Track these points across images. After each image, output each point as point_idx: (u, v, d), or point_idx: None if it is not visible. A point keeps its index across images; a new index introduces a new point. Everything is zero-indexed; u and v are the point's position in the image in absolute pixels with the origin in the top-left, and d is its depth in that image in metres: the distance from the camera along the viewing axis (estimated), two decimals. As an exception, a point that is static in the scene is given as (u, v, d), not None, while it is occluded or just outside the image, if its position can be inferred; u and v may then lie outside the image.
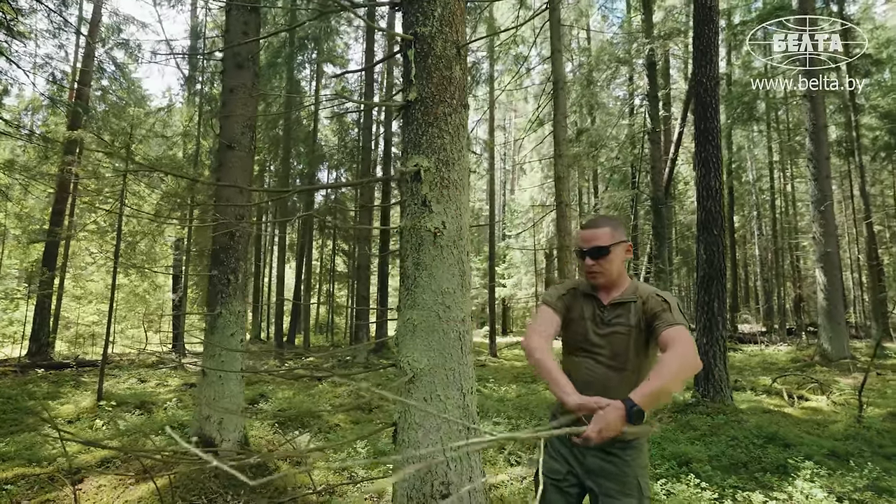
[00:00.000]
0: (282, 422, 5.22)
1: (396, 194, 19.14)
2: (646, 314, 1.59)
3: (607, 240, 1.64)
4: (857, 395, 6.17)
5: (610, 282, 1.66)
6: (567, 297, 1.75)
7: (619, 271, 1.66)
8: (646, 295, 1.62)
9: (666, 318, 1.53)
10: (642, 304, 1.61)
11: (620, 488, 1.57)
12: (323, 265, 22.24)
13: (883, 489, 3.33)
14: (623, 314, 1.62)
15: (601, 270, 1.65)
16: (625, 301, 1.63)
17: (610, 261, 1.64)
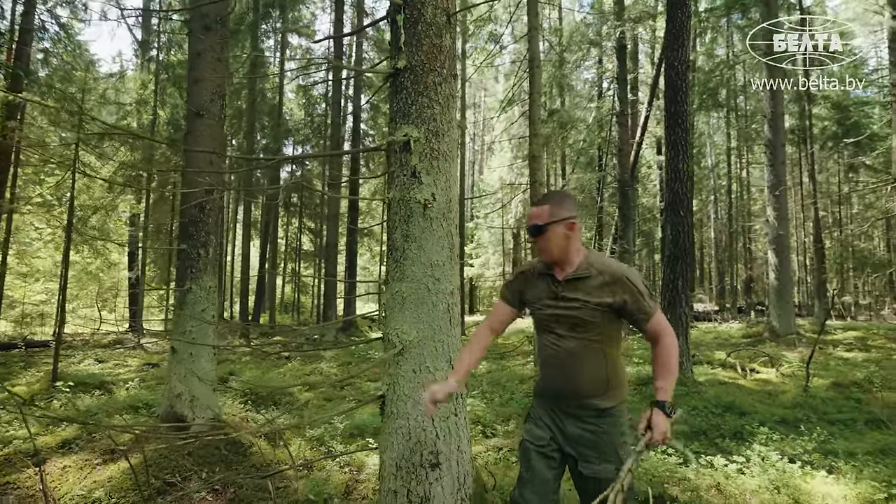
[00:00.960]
0: (253, 400, 5.13)
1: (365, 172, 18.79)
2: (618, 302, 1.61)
3: (545, 218, 1.66)
4: (802, 367, 6.63)
5: (556, 258, 1.68)
6: (516, 282, 1.81)
7: (564, 247, 1.66)
8: (608, 273, 1.63)
9: (644, 309, 1.61)
10: (608, 285, 1.62)
11: (598, 455, 1.63)
12: (288, 243, 21.74)
13: (829, 451, 3.61)
14: (580, 289, 1.64)
15: (542, 248, 1.68)
16: (579, 276, 1.65)
17: (547, 238, 1.66)
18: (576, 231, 1.68)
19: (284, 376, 6.71)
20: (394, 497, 1.99)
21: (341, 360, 8.22)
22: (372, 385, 6.79)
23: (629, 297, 1.60)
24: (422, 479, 1.98)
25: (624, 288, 1.61)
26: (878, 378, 6.01)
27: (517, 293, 1.80)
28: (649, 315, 1.62)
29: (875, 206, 23.21)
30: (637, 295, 1.60)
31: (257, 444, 3.67)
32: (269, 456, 3.49)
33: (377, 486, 2.95)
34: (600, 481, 1.60)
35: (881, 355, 8.29)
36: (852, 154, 22.47)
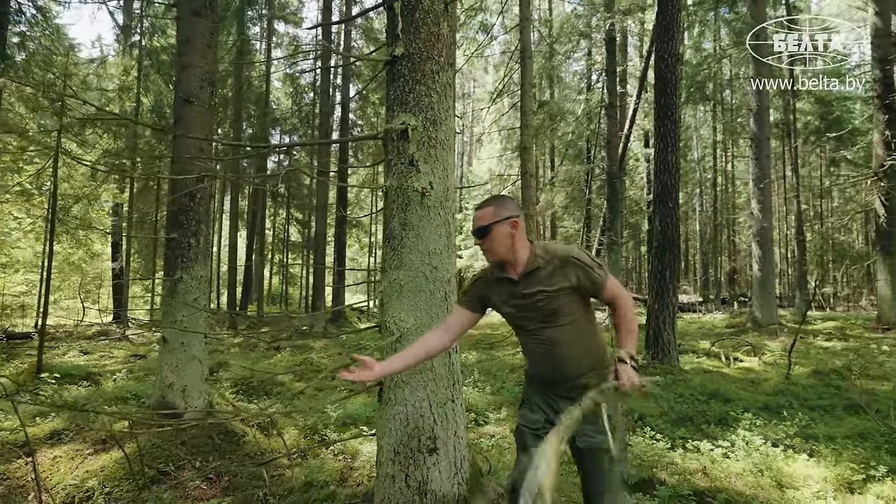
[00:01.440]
0: (245, 390, 5.12)
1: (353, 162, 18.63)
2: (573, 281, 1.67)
3: (488, 219, 1.70)
4: (784, 355, 6.81)
5: (503, 257, 1.71)
6: (476, 288, 1.82)
7: (509, 245, 1.70)
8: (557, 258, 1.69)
9: (596, 280, 1.66)
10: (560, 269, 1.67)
11: (594, 428, 1.68)
12: (276, 234, 21.55)
13: (809, 435, 3.73)
14: (537, 281, 1.69)
15: (487, 248, 1.71)
16: (531, 270, 1.69)
17: (493, 238, 1.69)
18: (519, 229, 1.71)
19: (275, 367, 6.69)
20: (392, 481, 2.02)
21: (331, 351, 8.21)
22: (362, 375, 6.81)
23: (581, 274, 1.66)
24: (420, 464, 2.01)
25: (573, 267, 1.66)
26: (857, 366, 6.20)
27: (477, 298, 1.82)
28: (601, 283, 1.67)
29: (855, 200, 23.73)
30: (587, 269, 1.66)
31: (250, 433, 3.68)
32: (262, 445, 3.50)
33: (372, 473, 2.98)
34: (595, 451, 1.68)
35: (859, 344, 8.54)
36: (834, 148, 22.90)
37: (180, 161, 3.68)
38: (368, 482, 2.89)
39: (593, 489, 1.72)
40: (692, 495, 2.73)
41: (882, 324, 10.87)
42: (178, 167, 3.72)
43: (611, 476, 1.69)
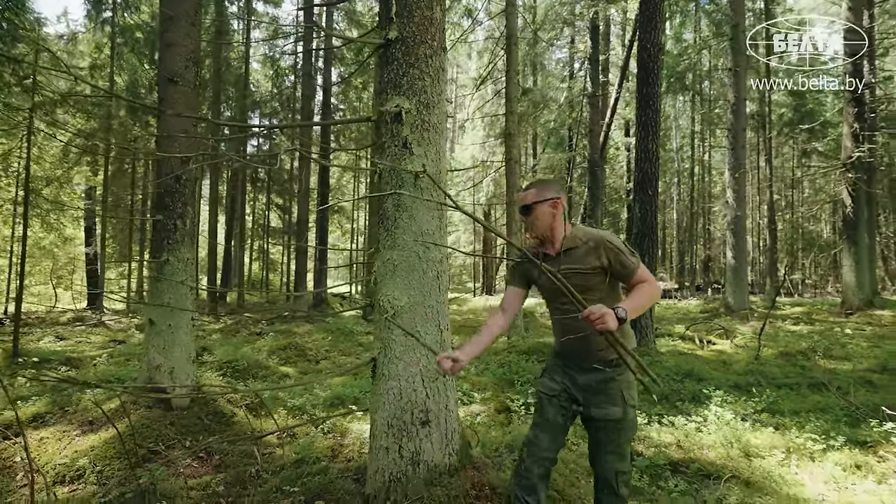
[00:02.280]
0: (230, 373, 5.13)
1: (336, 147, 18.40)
2: (603, 262, 1.79)
3: (532, 198, 1.87)
4: (754, 338, 7.11)
5: (543, 234, 1.87)
6: (521, 267, 1.97)
7: (549, 224, 1.86)
8: (593, 240, 1.82)
9: (628, 265, 1.78)
10: (594, 249, 1.81)
11: (607, 399, 1.82)
12: (255, 220, 21.23)
13: (776, 410, 3.96)
14: (573, 259, 1.83)
15: (531, 224, 1.88)
16: (568, 248, 1.84)
17: (535, 216, 1.85)
18: (559, 209, 1.86)
19: (259, 351, 6.69)
20: (385, 453, 2.10)
21: (316, 335, 8.23)
22: (346, 359, 6.88)
23: (613, 257, 1.78)
24: (413, 436, 2.10)
25: (607, 249, 1.79)
26: (821, 347, 6.53)
27: (523, 275, 1.97)
28: (632, 270, 1.78)
29: (824, 191, 24.56)
30: (619, 253, 1.78)
31: (239, 413, 3.72)
32: (252, 425, 3.54)
33: (362, 449, 3.07)
34: (608, 421, 1.81)
35: (824, 328, 8.96)
36: (806, 140, 23.57)
37: (166, 142, 3.64)
38: (359, 457, 2.97)
39: (603, 452, 1.86)
40: (668, 465, 2.89)
41: (845, 308, 11.39)
42: (164, 149, 3.67)
43: (620, 441, 1.84)
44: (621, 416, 1.81)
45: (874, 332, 8.40)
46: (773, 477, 2.77)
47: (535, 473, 1.88)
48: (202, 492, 2.60)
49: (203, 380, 4.46)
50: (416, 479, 2.06)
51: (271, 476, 2.74)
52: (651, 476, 2.76)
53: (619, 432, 1.82)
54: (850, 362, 5.84)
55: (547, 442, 1.88)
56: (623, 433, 1.83)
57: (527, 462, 1.89)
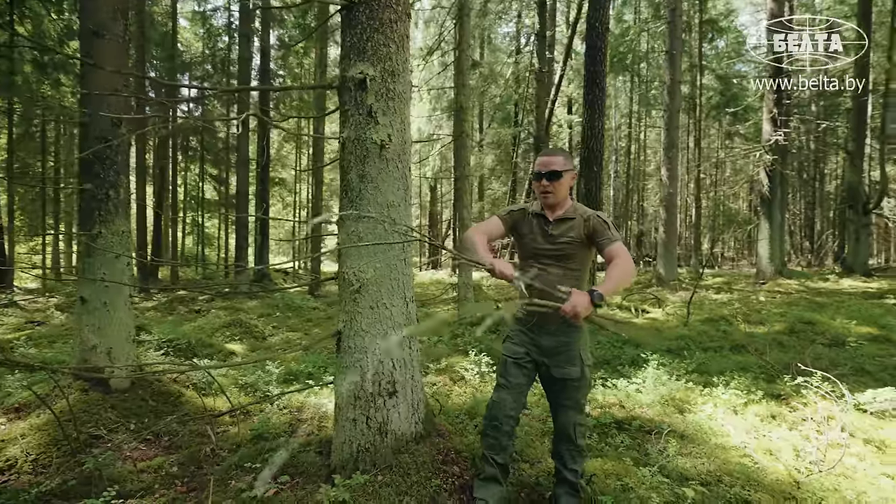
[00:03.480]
0: (172, 352, 4.88)
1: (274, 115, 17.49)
2: (588, 230, 1.96)
3: (561, 165, 1.98)
4: (683, 307, 7.71)
5: (558, 202, 2.01)
6: (516, 213, 2.11)
7: (565, 194, 2.02)
8: (586, 214, 2.00)
9: (607, 236, 1.93)
10: (584, 222, 1.98)
11: (567, 360, 1.99)
12: (188, 192, 19.91)
13: (704, 371, 4.35)
14: (566, 228, 1.99)
15: (553, 191, 1.98)
16: (567, 218, 2.00)
17: (561, 184, 1.98)
18: (574, 181, 2.05)
19: (202, 329, 6.39)
20: (353, 424, 2.11)
21: (261, 311, 7.97)
22: (295, 335, 6.73)
23: (598, 226, 1.94)
24: (380, 407, 2.12)
25: (595, 221, 1.96)
26: (740, 313, 7.20)
27: (515, 221, 2.10)
28: (611, 240, 1.91)
29: (743, 171, 26.62)
30: (604, 226, 1.95)
31: (187, 393, 3.57)
32: (202, 404, 3.41)
33: (322, 424, 3.06)
34: (567, 380, 1.99)
35: (741, 296, 9.86)
36: (730, 123, 25.29)
37: (92, 103, 3.29)
38: (319, 431, 2.96)
39: (563, 407, 2.02)
40: (613, 423, 3.12)
41: (759, 279, 12.57)
42: (93, 110, 3.33)
43: (578, 397, 2.01)
44: (580, 375, 1.99)
45: (783, 300, 9.36)
46: (704, 429, 3.06)
47: (502, 432, 2.01)
48: (154, 474, 2.49)
49: (145, 360, 4.21)
50: (385, 448, 2.09)
51: (228, 454, 2.67)
52: (600, 434, 2.96)
53: (577, 389, 2.00)
54: (764, 326, 6.49)
55: (511, 402, 2.00)
56: (581, 390, 2.01)
57: (494, 422, 2.01)
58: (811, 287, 11.35)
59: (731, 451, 2.81)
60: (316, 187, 14.13)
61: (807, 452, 2.76)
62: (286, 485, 2.17)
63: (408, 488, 1.94)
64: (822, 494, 2.30)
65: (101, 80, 3.30)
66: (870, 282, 11.95)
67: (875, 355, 5.02)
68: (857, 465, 2.62)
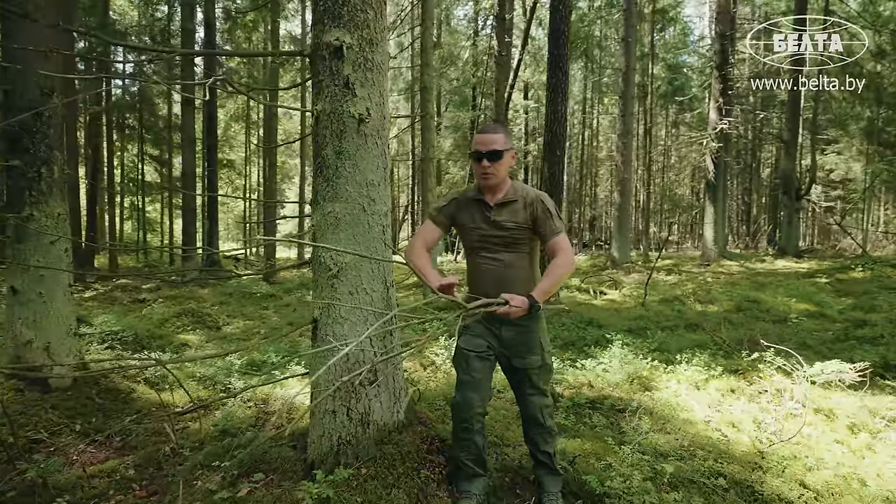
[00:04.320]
0: (118, 345, 4.51)
1: (221, 94, 16.55)
2: (533, 217, 1.88)
3: (502, 144, 1.87)
4: (639, 288, 7.99)
5: (497, 183, 1.90)
6: (449, 207, 2.00)
7: (505, 174, 1.91)
8: (528, 197, 1.90)
9: (551, 227, 1.87)
10: (527, 206, 1.89)
11: (527, 349, 1.94)
12: (126, 174, 18.56)
13: (665, 349, 4.51)
14: (510, 212, 1.89)
15: (494, 172, 1.87)
16: (508, 201, 1.90)
17: (501, 164, 1.87)
18: (514, 161, 1.93)
19: (148, 320, 5.98)
20: (332, 417, 2.00)
21: (213, 300, 7.58)
22: (251, 324, 6.44)
23: (541, 215, 1.86)
24: (361, 397, 2.01)
25: (539, 207, 1.87)
26: (690, 293, 7.55)
27: (450, 216, 2.00)
28: (554, 232, 1.87)
29: (686, 159, 27.89)
30: (548, 213, 1.87)
31: (139, 389, 3.31)
32: (157, 399, 3.17)
33: (291, 415, 2.91)
34: (528, 369, 1.95)
35: (690, 277, 10.37)
36: (676, 112, 26.35)
37: (14, 71, 2.91)
38: (289, 423, 2.82)
39: (527, 395, 1.99)
40: (587, 403, 3.17)
41: (704, 260, 13.26)
42: (11, 77, 2.95)
43: (541, 384, 1.99)
44: (541, 363, 1.96)
45: (727, 280, 9.93)
46: (672, 405, 3.17)
47: (474, 431, 1.95)
48: (108, 479, 2.28)
49: (88, 355, 3.87)
50: (367, 439, 2.00)
51: (191, 453, 2.49)
52: (576, 415, 2.99)
53: (539, 377, 1.97)
54: (714, 305, 6.84)
55: (478, 399, 1.94)
56: (543, 376, 1.99)
57: (464, 425, 1.94)
58: (750, 268, 12.11)
59: (699, 425, 2.92)
60: (268, 170, 13.52)
61: (766, 424, 2.91)
62: (260, 483, 2.04)
63: (395, 480, 1.86)
64: (785, 463, 2.43)
65: (28, 40, 2.93)
66: (801, 262, 12.88)
67: (813, 330, 5.40)
68: (812, 433, 2.79)
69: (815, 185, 16.45)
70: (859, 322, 5.46)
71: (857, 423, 2.92)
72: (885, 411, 3.05)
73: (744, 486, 2.21)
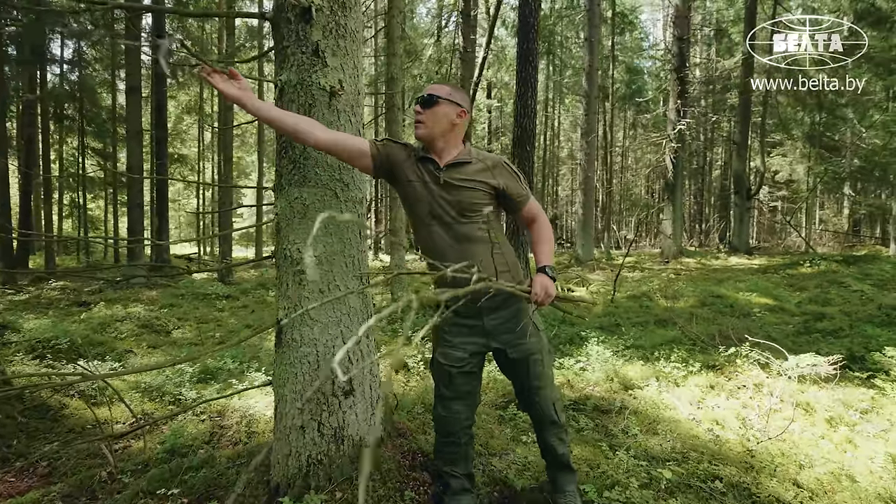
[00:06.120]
0: (49, 354, 4.03)
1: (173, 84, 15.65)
2: (495, 182, 1.65)
3: (441, 92, 1.64)
4: (605, 285, 8.03)
5: (432, 137, 1.63)
6: (395, 146, 1.70)
7: (445, 130, 1.63)
8: (489, 160, 1.68)
9: (520, 192, 1.69)
10: (488, 169, 1.66)
11: (521, 333, 1.69)
12: (65, 168, 17.25)
13: (639, 346, 4.46)
14: (461, 173, 1.64)
15: (424, 121, 1.63)
16: (461, 161, 1.65)
17: (435, 112, 1.62)
18: (463, 122, 1.67)
19: (88, 325, 5.43)
20: (301, 433, 1.74)
21: (163, 302, 7.03)
22: (207, 327, 5.99)
23: (508, 181, 1.67)
24: (335, 409, 1.77)
25: (503, 172, 1.67)
26: (656, 289, 7.64)
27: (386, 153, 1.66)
28: (526, 198, 1.70)
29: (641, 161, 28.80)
30: (515, 179, 1.69)
31: (72, 404, 2.91)
32: (91, 416, 2.79)
33: (252, 429, 2.62)
34: (527, 357, 1.70)
35: (652, 274, 10.57)
36: (634, 114, 27.12)
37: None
38: (248, 439, 2.53)
39: (534, 389, 1.75)
40: (570, 404, 3.03)
41: (664, 257, 13.61)
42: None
43: (544, 372, 1.75)
44: (539, 347, 1.73)
45: (687, 276, 10.17)
46: (656, 404, 3.08)
47: (461, 444, 1.74)
48: (29, 513, 1.93)
49: (13, 367, 3.40)
50: (341, 457, 1.75)
51: (133, 478, 2.16)
52: (560, 417, 2.84)
53: (542, 362, 1.74)
54: (679, 301, 6.93)
55: (464, 410, 1.73)
56: (546, 359, 1.76)
57: (450, 438, 1.73)
58: (706, 264, 12.52)
59: (684, 424, 2.83)
60: (224, 165, 12.84)
61: (750, 420, 2.85)
62: (215, 512, 1.76)
63: None
64: (776, 462, 2.36)
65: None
66: (752, 259, 13.44)
67: (775, 323, 5.52)
68: (794, 428, 2.75)
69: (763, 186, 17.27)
70: (817, 315, 5.63)
71: (835, 416, 2.92)
72: (857, 403, 3.07)
73: (741, 488, 2.11)
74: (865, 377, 3.44)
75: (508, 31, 20.05)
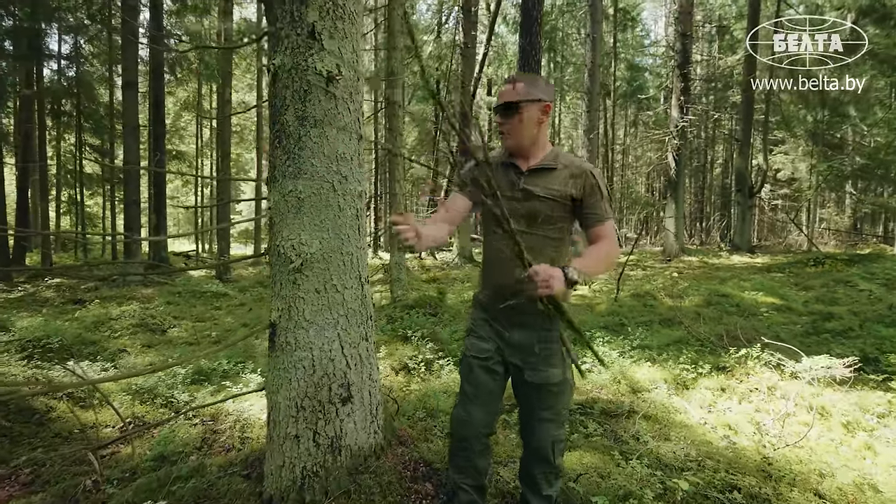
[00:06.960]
0: (39, 354, 3.91)
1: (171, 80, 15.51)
2: (577, 192, 1.50)
3: (519, 94, 1.46)
4: (608, 283, 7.92)
5: (523, 145, 1.51)
6: (471, 169, 1.59)
7: (533, 135, 1.51)
8: (575, 166, 1.52)
9: (600, 210, 1.51)
10: (573, 178, 1.51)
11: (545, 360, 1.54)
12: (62, 165, 17.10)
13: (646, 346, 4.35)
14: (545, 181, 1.50)
15: (510, 131, 1.50)
16: (545, 167, 1.51)
17: (520, 119, 1.48)
18: (548, 117, 1.50)
19: (82, 324, 5.31)
20: (295, 443, 1.63)
21: (159, 300, 6.91)
22: (202, 326, 5.88)
23: (589, 192, 1.49)
24: (331, 417, 1.65)
25: (587, 182, 1.49)
26: (660, 288, 7.53)
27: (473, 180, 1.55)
28: (602, 218, 1.51)
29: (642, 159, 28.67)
30: (598, 192, 1.51)
31: (60, 407, 2.80)
32: (79, 420, 2.68)
33: (245, 435, 2.51)
34: (544, 385, 1.53)
35: (654, 272, 10.45)
36: (636, 111, 26.99)
37: None
38: (242, 445, 2.42)
39: (538, 419, 1.59)
40: (578, 408, 2.92)
41: (666, 255, 13.51)
42: None
43: (559, 407, 1.58)
44: (561, 379, 1.56)
45: (690, 275, 10.06)
46: (666, 407, 2.97)
47: (475, 453, 1.58)
48: (7, 526, 1.82)
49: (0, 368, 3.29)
50: (339, 469, 1.64)
51: (119, 487, 2.05)
52: (567, 422, 2.73)
53: (557, 396, 1.57)
54: (684, 300, 6.82)
55: (482, 415, 1.57)
56: (562, 397, 1.58)
57: (463, 443, 1.58)
58: (709, 263, 12.40)
59: (697, 429, 2.72)
60: (222, 161, 12.71)
61: (765, 426, 2.74)
62: (204, 527, 1.65)
63: (375, 521, 1.52)
64: (795, 470, 2.25)
65: None
66: (755, 258, 13.34)
67: (783, 323, 5.40)
68: (811, 433, 2.64)
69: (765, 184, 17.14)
70: (826, 315, 5.51)
71: (852, 420, 2.81)
72: (874, 407, 2.96)
73: (760, 499, 2.00)
74: (881, 380, 3.33)
75: (509, 27, 19.90)
